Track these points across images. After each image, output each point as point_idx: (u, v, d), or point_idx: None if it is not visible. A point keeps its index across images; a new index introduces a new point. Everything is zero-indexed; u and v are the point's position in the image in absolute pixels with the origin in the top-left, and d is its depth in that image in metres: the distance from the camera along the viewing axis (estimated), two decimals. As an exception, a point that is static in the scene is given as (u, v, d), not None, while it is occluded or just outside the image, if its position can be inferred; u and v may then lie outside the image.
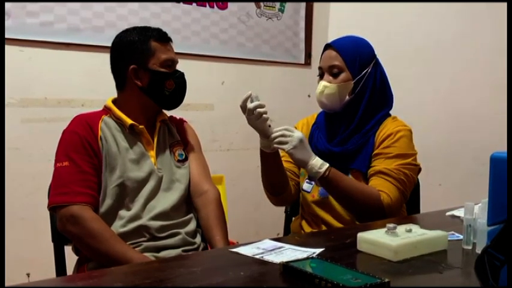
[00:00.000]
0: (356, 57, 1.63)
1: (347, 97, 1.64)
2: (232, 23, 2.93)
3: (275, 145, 1.50)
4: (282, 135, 1.49)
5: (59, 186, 1.45)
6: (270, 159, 1.59)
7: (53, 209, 1.46)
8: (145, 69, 1.53)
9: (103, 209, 1.47)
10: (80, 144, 1.47)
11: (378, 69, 1.68)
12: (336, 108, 1.66)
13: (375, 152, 1.62)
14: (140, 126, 1.55)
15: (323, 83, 1.64)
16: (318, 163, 1.51)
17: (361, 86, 1.64)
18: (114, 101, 1.60)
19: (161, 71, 1.54)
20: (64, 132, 1.53)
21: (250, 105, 1.47)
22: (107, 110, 1.58)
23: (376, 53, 1.72)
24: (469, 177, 2.67)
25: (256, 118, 1.48)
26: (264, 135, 1.52)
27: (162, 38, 1.57)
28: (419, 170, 1.69)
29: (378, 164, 1.59)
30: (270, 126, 1.51)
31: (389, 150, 1.60)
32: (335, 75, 1.63)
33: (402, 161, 1.59)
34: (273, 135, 1.49)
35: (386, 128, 1.65)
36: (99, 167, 1.48)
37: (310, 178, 1.66)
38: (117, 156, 1.50)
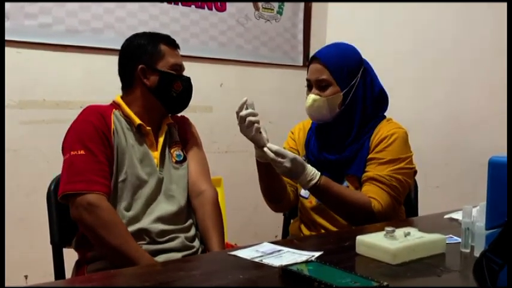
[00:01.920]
0: (343, 69, 1.61)
1: (337, 109, 1.63)
2: (230, 25, 2.93)
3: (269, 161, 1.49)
4: (273, 160, 1.46)
5: (74, 174, 1.43)
6: (266, 169, 1.58)
7: (66, 197, 1.43)
8: (153, 70, 1.56)
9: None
10: (95, 134, 1.47)
11: (368, 76, 1.66)
12: (326, 120, 1.65)
13: (369, 156, 1.62)
14: (147, 128, 1.57)
15: (312, 96, 1.62)
16: (307, 176, 1.50)
17: (351, 97, 1.62)
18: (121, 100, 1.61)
19: (170, 72, 1.58)
20: (76, 121, 1.52)
21: (242, 112, 1.45)
22: (116, 106, 1.59)
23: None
24: (467, 179, 2.68)
25: (246, 127, 1.46)
26: (257, 145, 1.50)
27: (172, 43, 1.61)
28: (415, 172, 1.69)
29: (371, 170, 1.59)
30: (261, 134, 1.47)
31: (382, 155, 1.60)
32: (323, 89, 1.62)
33: (395, 166, 1.58)
34: (267, 153, 1.46)
35: (381, 131, 1.64)
36: (112, 159, 1.49)
37: None
38: (125, 151, 1.51)
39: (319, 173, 1.52)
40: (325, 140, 1.70)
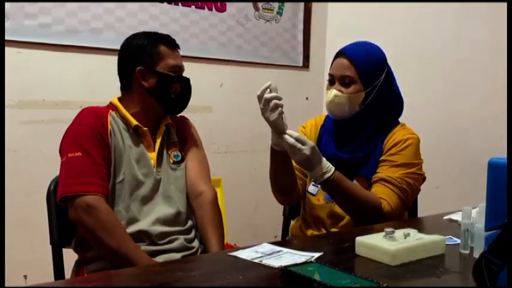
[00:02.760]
0: (369, 68, 1.60)
1: (357, 108, 1.62)
2: (230, 26, 2.93)
3: (286, 148, 1.46)
4: (293, 146, 1.43)
5: (72, 176, 1.43)
6: (280, 157, 1.55)
7: (64, 199, 1.43)
8: (152, 72, 1.55)
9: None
10: (92, 136, 1.47)
11: (390, 78, 1.66)
12: (344, 117, 1.65)
13: (381, 158, 1.62)
14: (144, 128, 1.56)
15: (334, 91, 1.61)
16: (322, 169, 1.48)
17: (373, 97, 1.61)
18: (119, 101, 1.60)
19: (169, 74, 1.56)
20: (73, 123, 1.52)
21: (267, 95, 1.43)
22: (112, 107, 1.58)
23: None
24: (466, 179, 2.68)
25: (271, 110, 1.43)
26: (277, 130, 1.47)
27: (171, 43, 1.60)
28: (424, 179, 1.69)
29: (382, 171, 1.59)
30: (283, 120, 1.45)
31: (395, 158, 1.60)
32: (346, 85, 1.60)
33: (407, 170, 1.59)
34: (288, 140, 1.44)
35: (395, 135, 1.64)
36: (110, 160, 1.48)
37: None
38: (123, 152, 1.51)
39: (334, 168, 1.51)
40: (339, 137, 1.69)
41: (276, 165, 1.60)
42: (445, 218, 1.58)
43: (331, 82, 1.65)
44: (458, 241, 1.25)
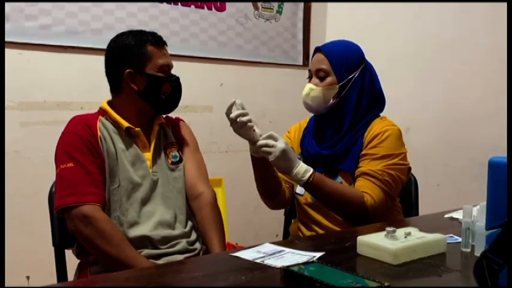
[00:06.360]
0: (343, 62, 1.65)
1: (331, 100, 1.65)
2: (230, 25, 2.94)
3: (261, 153, 1.51)
4: (266, 145, 1.48)
5: (65, 187, 1.43)
6: (260, 164, 1.59)
7: (61, 211, 1.43)
8: (141, 74, 1.53)
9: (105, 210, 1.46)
10: (82, 144, 1.46)
11: (367, 73, 1.69)
12: (320, 111, 1.68)
13: (362, 152, 1.63)
14: (136, 129, 1.55)
15: (309, 85, 1.67)
16: (301, 170, 1.51)
17: (347, 91, 1.65)
18: (109, 104, 1.59)
19: (158, 75, 1.54)
20: (63, 133, 1.51)
21: (232, 114, 1.46)
22: (102, 112, 1.57)
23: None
24: (467, 177, 2.68)
25: (239, 127, 1.47)
26: (251, 142, 1.52)
27: (158, 42, 1.56)
28: (409, 169, 1.70)
29: (364, 165, 1.61)
30: (255, 131, 1.49)
31: (375, 151, 1.61)
32: (321, 79, 1.65)
33: (388, 161, 1.59)
34: (259, 143, 1.49)
35: (374, 128, 1.66)
36: (103, 166, 1.48)
37: None
38: (116, 157, 1.50)
39: (312, 169, 1.53)
40: (319, 134, 1.72)
41: (258, 171, 1.64)
42: (446, 216, 1.59)
43: (310, 79, 1.70)
44: (459, 239, 1.25)
